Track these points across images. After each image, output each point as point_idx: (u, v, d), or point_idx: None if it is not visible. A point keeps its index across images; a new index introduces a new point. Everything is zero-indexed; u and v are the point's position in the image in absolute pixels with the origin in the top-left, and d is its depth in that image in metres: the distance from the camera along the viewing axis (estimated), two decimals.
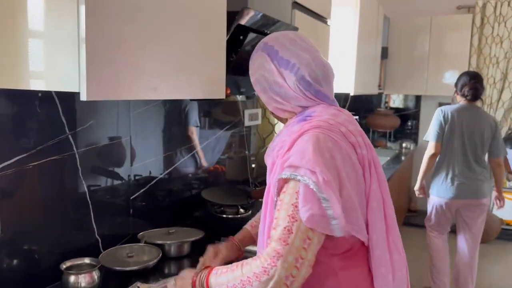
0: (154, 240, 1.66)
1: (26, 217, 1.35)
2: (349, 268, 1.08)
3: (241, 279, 0.97)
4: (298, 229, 0.94)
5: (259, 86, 1.18)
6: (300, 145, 1.00)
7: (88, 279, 1.33)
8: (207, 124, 2.33)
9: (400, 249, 1.14)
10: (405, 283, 1.16)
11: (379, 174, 1.10)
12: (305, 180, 0.95)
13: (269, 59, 1.14)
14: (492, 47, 4.87)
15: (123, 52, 1.11)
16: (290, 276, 0.93)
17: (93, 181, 1.58)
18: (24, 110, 1.31)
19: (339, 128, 1.06)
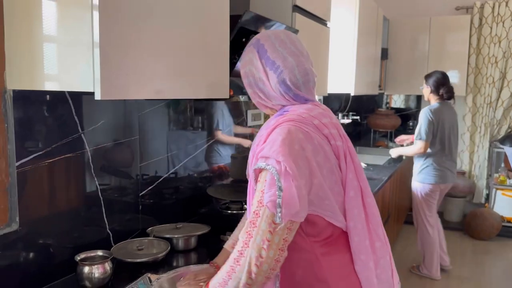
0: (163, 234, 1.74)
1: (42, 213, 1.42)
2: (331, 253, 1.13)
3: (226, 271, 1.06)
4: (264, 213, 1.01)
5: (247, 80, 1.23)
6: (272, 137, 1.07)
7: (101, 270, 1.40)
8: (210, 123, 2.40)
9: (382, 237, 1.19)
10: (390, 269, 1.21)
11: (355, 163, 1.15)
12: (270, 169, 1.02)
13: (258, 56, 1.19)
14: (490, 47, 4.94)
15: (133, 55, 1.19)
16: (259, 257, 1.00)
17: (104, 178, 1.65)
18: (40, 111, 1.39)
19: (311, 121, 1.12)
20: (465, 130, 5.22)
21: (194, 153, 2.22)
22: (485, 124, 5.09)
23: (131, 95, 1.23)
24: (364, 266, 1.14)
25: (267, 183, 1.03)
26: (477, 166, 5.19)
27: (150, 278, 1.44)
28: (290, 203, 1.00)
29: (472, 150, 5.23)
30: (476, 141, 5.17)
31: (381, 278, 1.17)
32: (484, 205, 5.07)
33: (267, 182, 1.03)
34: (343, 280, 1.13)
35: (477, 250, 4.42)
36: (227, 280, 1.05)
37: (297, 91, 1.17)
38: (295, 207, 1.00)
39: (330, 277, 1.11)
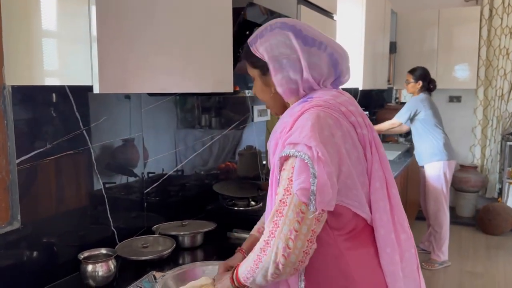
0: (168, 232, 1.71)
1: (44, 211, 1.40)
2: (355, 248, 1.09)
3: (253, 260, 1.02)
4: (292, 202, 0.97)
5: (277, 64, 1.13)
6: (300, 122, 1.03)
7: (105, 268, 1.37)
8: (216, 120, 2.37)
9: (407, 229, 1.14)
10: (415, 263, 1.17)
11: (380, 153, 1.12)
12: (301, 156, 0.98)
13: (293, 36, 1.12)
14: (501, 39, 4.85)
15: (132, 48, 1.16)
16: (287, 248, 0.96)
17: (107, 176, 1.63)
18: (40, 107, 1.37)
19: (339, 108, 1.08)
20: (477, 124, 5.13)
21: (200, 150, 2.19)
22: (497, 117, 5.00)
23: (131, 89, 1.20)
24: (389, 260, 1.10)
25: (295, 170, 0.99)
26: (489, 160, 5.10)
27: (155, 276, 1.42)
28: (324, 191, 0.96)
29: (484, 144, 5.14)
30: (488, 135, 5.08)
31: (406, 272, 1.13)
32: (497, 199, 4.98)
33: (296, 169, 0.99)
34: (369, 275, 1.10)
35: (490, 245, 4.34)
36: (254, 268, 1.02)
37: (341, 66, 1.15)
38: (328, 195, 0.97)
39: (356, 272, 1.07)
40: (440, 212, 3.82)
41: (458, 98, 5.29)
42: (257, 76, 1.21)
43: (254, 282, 1.04)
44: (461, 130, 5.19)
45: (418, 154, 3.91)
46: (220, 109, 2.40)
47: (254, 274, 1.03)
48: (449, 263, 3.85)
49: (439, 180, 3.77)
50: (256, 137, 2.78)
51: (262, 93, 1.23)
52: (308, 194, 0.96)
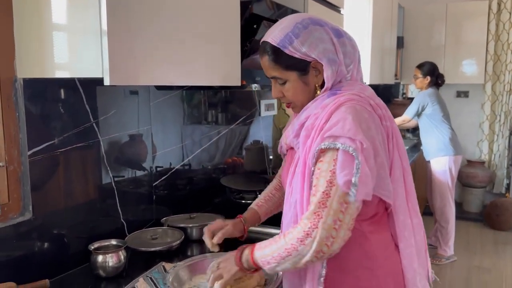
0: (177, 224, 1.73)
1: (55, 202, 1.42)
2: (377, 232, 1.16)
3: (285, 247, 1.04)
4: (336, 193, 1.01)
5: (325, 60, 1.13)
6: (339, 116, 1.05)
7: (115, 259, 1.39)
8: (223, 114, 2.39)
9: (419, 214, 1.22)
10: (424, 246, 1.24)
11: (399, 144, 1.17)
12: (345, 147, 1.01)
13: (327, 30, 1.14)
14: (510, 33, 4.82)
15: (142, 41, 1.17)
16: (330, 237, 1.00)
17: (117, 168, 1.65)
18: (51, 99, 1.39)
19: (368, 101, 1.12)
20: (484, 119, 5.11)
21: (206, 144, 2.20)
22: (505, 112, 4.97)
23: (141, 81, 1.22)
24: (407, 243, 1.17)
25: (339, 162, 1.02)
26: (497, 155, 5.07)
27: (164, 267, 1.43)
28: (366, 182, 1.01)
29: (492, 139, 5.11)
30: (496, 130, 5.05)
31: (418, 253, 1.20)
32: (504, 195, 4.96)
33: (340, 161, 1.02)
34: (389, 258, 1.17)
35: (498, 240, 4.33)
36: (284, 256, 1.04)
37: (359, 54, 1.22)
38: (368, 186, 1.02)
39: (379, 253, 1.15)
40: (446, 207, 3.83)
41: (465, 93, 5.26)
42: (294, 78, 1.16)
43: (276, 267, 1.07)
44: (469, 125, 5.16)
45: (425, 149, 3.92)
46: (226, 103, 2.41)
47: (281, 260, 1.05)
48: (455, 258, 3.85)
49: (445, 175, 3.77)
50: (263, 132, 2.79)
51: (302, 94, 1.18)
52: (351, 186, 1.00)
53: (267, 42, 1.16)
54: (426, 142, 3.87)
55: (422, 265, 1.22)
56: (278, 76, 1.18)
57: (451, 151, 3.74)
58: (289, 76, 1.16)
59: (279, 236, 1.08)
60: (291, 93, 1.19)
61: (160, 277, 1.38)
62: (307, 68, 1.15)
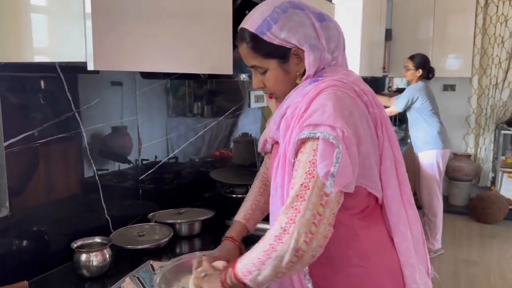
0: (165, 220, 1.64)
1: (35, 198, 1.32)
2: (369, 227, 1.08)
3: (263, 250, 0.95)
4: (315, 185, 0.93)
5: (307, 45, 1.05)
6: (318, 103, 0.98)
7: (99, 258, 1.30)
8: (212, 106, 2.30)
9: (414, 205, 1.14)
10: (421, 240, 1.16)
11: (389, 132, 1.09)
12: (324, 136, 0.93)
13: (310, 13, 1.06)
14: (496, 27, 4.82)
15: (128, 24, 1.08)
16: (309, 233, 0.91)
17: (101, 160, 1.55)
18: (30, 86, 1.29)
19: (352, 87, 1.04)
20: (471, 113, 5.12)
21: (195, 137, 2.11)
22: (491, 106, 4.98)
23: (127, 67, 1.13)
24: (403, 237, 1.09)
25: (319, 152, 0.94)
26: (483, 149, 5.09)
27: (152, 265, 1.35)
28: (344, 172, 0.93)
29: (478, 132, 5.13)
30: (482, 124, 5.07)
31: (415, 247, 1.12)
32: (490, 188, 4.99)
33: (320, 151, 0.94)
34: (384, 254, 1.09)
35: (484, 234, 4.34)
36: (264, 259, 0.94)
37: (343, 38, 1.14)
38: (348, 177, 0.94)
39: (371, 251, 1.06)
40: (433, 200, 3.81)
41: (452, 87, 5.27)
42: (274, 66, 1.08)
43: (258, 276, 0.96)
44: (455, 119, 5.16)
45: (413, 142, 3.90)
46: (215, 94, 2.32)
47: (261, 266, 0.95)
48: (443, 251, 3.85)
49: (432, 168, 3.76)
50: (252, 125, 2.71)
51: (283, 83, 1.11)
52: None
53: (245, 29, 1.08)
54: (414, 135, 3.85)
55: (421, 260, 1.15)
56: (257, 64, 1.10)
57: (439, 145, 3.72)
58: (269, 64, 1.09)
59: (259, 241, 0.99)
60: (272, 82, 1.11)
61: (147, 276, 1.30)
62: (287, 55, 1.07)
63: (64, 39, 1.07)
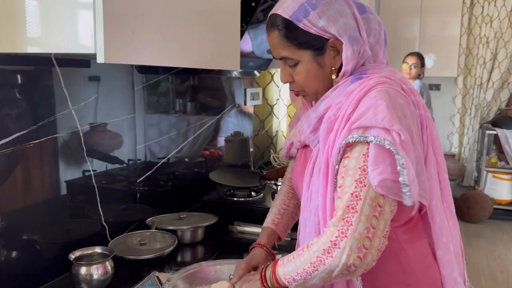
0: (166, 226, 1.53)
1: (27, 203, 1.19)
2: (413, 240, 0.99)
3: (310, 261, 0.87)
4: (367, 195, 0.84)
5: (346, 37, 0.94)
6: (369, 102, 0.87)
7: (101, 271, 1.18)
8: (209, 103, 2.19)
9: (454, 215, 1.05)
10: (460, 251, 1.07)
11: (434, 136, 1.00)
12: (378, 141, 0.84)
13: (350, 2, 0.97)
14: (482, 27, 4.84)
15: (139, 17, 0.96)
16: (363, 248, 0.83)
17: (98, 163, 1.42)
18: (24, 81, 1.15)
19: (401, 85, 0.94)
20: (455, 112, 5.14)
21: (194, 134, 2.00)
22: (475, 106, 5.01)
23: (136, 60, 1.01)
24: (445, 249, 1.00)
25: (371, 158, 0.84)
26: (467, 148, 5.12)
27: (158, 277, 1.24)
28: (415, 180, 0.84)
29: (462, 132, 5.16)
30: (466, 123, 5.10)
31: (455, 259, 1.03)
32: (473, 187, 5.02)
33: (372, 157, 0.84)
34: (428, 268, 1.00)
35: (469, 233, 4.36)
36: (311, 271, 0.87)
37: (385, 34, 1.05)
38: (417, 185, 0.85)
39: (416, 266, 0.97)
40: None
41: (437, 86, 5.27)
42: (308, 59, 0.97)
43: (304, 283, 0.91)
44: (440, 118, 5.17)
45: None
46: (210, 90, 2.21)
47: (307, 277, 0.88)
48: None
49: None
50: (245, 123, 2.60)
51: (315, 79, 0.99)
52: (390, 186, 0.83)
53: (277, 15, 0.96)
54: None
55: (459, 273, 1.06)
56: (289, 56, 0.98)
57: None
58: (302, 56, 0.97)
59: (303, 249, 0.91)
60: (303, 77, 0.99)
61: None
62: (324, 46, 0.95)
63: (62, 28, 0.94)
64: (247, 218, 1.72)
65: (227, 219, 1.70)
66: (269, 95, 2.91)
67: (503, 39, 4.81)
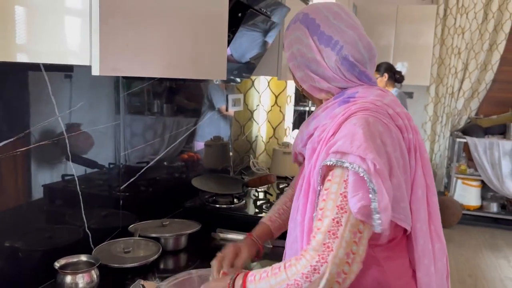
0: (149, 233, 1.53)
1: (10, 210, 1.18)
2: (393, 258, 1.02)
3: (287, 283, 0.87)
4: (348, 221, 0.86)
5: (295, 62, 1.08)
6: (348, 129, 0.91)
7: (86, 279, 1.18)
8: (189, 108, 2.19)
9: (442, 238, 1.07)
10: (445, 273, 1.10)
11: (423, 159, 1.02)
12: (354, 168, 0.86)
13: (309, 33, 1.05)
14: (454, 38, 5.00)
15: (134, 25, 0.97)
16: (342, 273, 0.85)
17: (82, 168, 1.41)
18: (11, 88, 1.14)
19: (386, 110, 0.97)
20: (427, 120, 5.29)
21: (176, 141, 2.00)
22: (446, 114, 5.17)
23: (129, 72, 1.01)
24: (426, 271, 1.02)
25: (350, 184, 0.86)
26: (438, 155, 5.28)
27: (144, 286, 1.24)
28: (387, 208, 0.85)
29: (433, 139, 5.31)
30: (437, 131, 5.25)
31: (437, 282, 1.06)
32: (443, 193, 5.17)
33: (350, 183, 0.86)
34: (405, 286, 1.03)
35: None
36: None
37: (362, 68, 1.02)
38: (389, 213, 0.87)
39: (393, 282, 1.00)
40: None
41: (410, 94, 5.41)
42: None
43: None
44: None
45: None
46: (193, 97, 2.21)
47: None
48: None
49: None
50: (227, 128, 2.62)
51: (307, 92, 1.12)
52: (369, 213, 0.85)
53: None
54: None
55: None
56: None
57: None
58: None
59: (279, 268, 0.91)
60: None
61: None
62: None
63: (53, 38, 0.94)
64: (230, 225, 1.74)
65: (210, 226, 1.71)
66: (249, 100, 2.93)
67: (473, 50, 4.98)
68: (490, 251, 4.19)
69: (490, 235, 4.62)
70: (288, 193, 1.33)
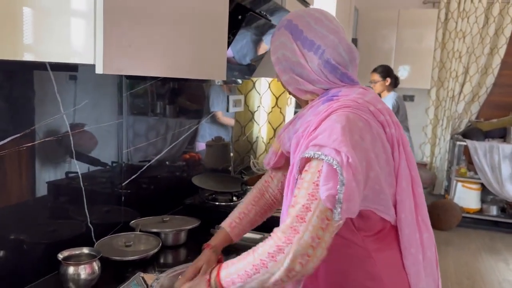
0: (150, 229, 1.58)
1: (16, 203, 1.23)
2: (383, 250, 1.06)
3: (253, 264, 0.93)
4: (317, 208, 0.91)
5: (280, 66, 1.14)
6: (327, 124, 0.96)
7: (88, 271, 1.22)
8: (191, 109, 2.24)
9: (429, 228, 1.12)
10: (434, 262, 1.14)
11: (407, 152, 1.07)
12: (328, 160, 0.91)
13: (292, 38, 1.10)
14: (455, 42, 5.03)
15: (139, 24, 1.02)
16: (306, 255, 0.89)
17: (86, 166, 1.46)
18: (19, 87, 1.19)
19: (367, 107, 1.02)
20: (428, 123, 5.32)
21: (178, 139, 2.05)
22: (447, 118, 5.20)
23: (133, 71, 1.06)
24: (414, 260, 1.07)
25: (323, 174, 0.91)
26: (438, 158, 5.31)
27: (144, 278, 1.29)
28: (351, 199, 0.90)
29: (434, 142, 5.34)
30: (438, 134, 5.28)
31: (427, 271, 1.10)
32: (444, 196, 5.20)
33: (323, 173, 0.91)
34: (395, 277, 1.06)
35: (438, 241, 4.48)
36: (251, 274, 0.93)
37: (344, 70, 1.07)
38: (354, 204, 0.91)
39: (383, 273, 1.04)
40: None
41: (411, 98, 5.44)
42: None
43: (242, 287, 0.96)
44: (413, 128, 5.31)
45: None
46: (193, 97, 2.26)
47: (246, 279, 0.94)
48: None
49: None
50: (228, 129, 2.66)
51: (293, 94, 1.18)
52: (335, 201, 0.90)
53: None
54: None
55: (434, 284, 1.14)
56: None
57: None
58: None
59: (248, 252, 0.97)
60: None
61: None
62: None
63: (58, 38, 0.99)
64: None
65: (209, 223, 1.75)
66: (250, 102, 2.98)
67: (474, 54, 5.01)
68: (489, 254, 4.22)
69: (489, 238, 4.64)
70: (252, 194, 1.36)
